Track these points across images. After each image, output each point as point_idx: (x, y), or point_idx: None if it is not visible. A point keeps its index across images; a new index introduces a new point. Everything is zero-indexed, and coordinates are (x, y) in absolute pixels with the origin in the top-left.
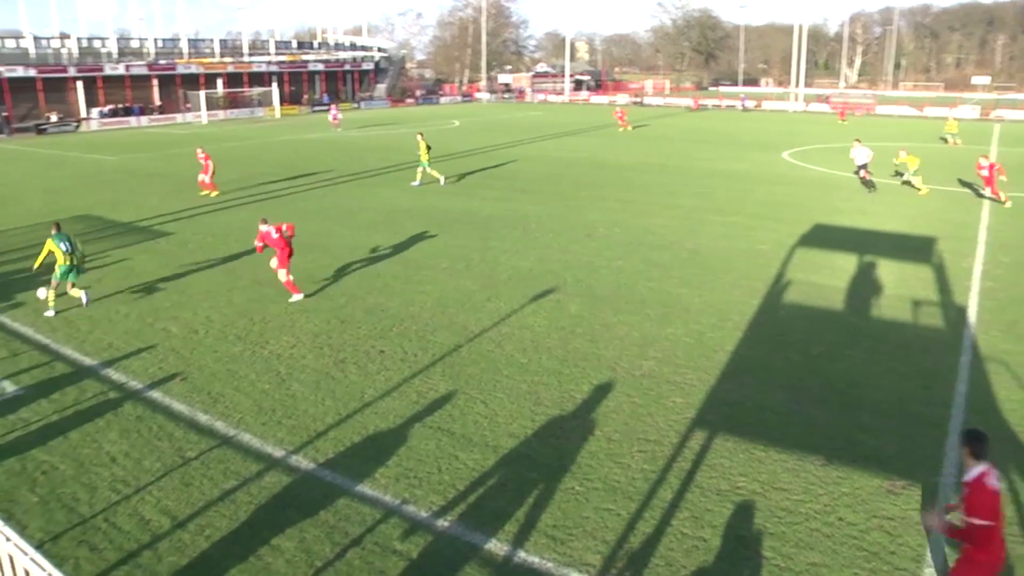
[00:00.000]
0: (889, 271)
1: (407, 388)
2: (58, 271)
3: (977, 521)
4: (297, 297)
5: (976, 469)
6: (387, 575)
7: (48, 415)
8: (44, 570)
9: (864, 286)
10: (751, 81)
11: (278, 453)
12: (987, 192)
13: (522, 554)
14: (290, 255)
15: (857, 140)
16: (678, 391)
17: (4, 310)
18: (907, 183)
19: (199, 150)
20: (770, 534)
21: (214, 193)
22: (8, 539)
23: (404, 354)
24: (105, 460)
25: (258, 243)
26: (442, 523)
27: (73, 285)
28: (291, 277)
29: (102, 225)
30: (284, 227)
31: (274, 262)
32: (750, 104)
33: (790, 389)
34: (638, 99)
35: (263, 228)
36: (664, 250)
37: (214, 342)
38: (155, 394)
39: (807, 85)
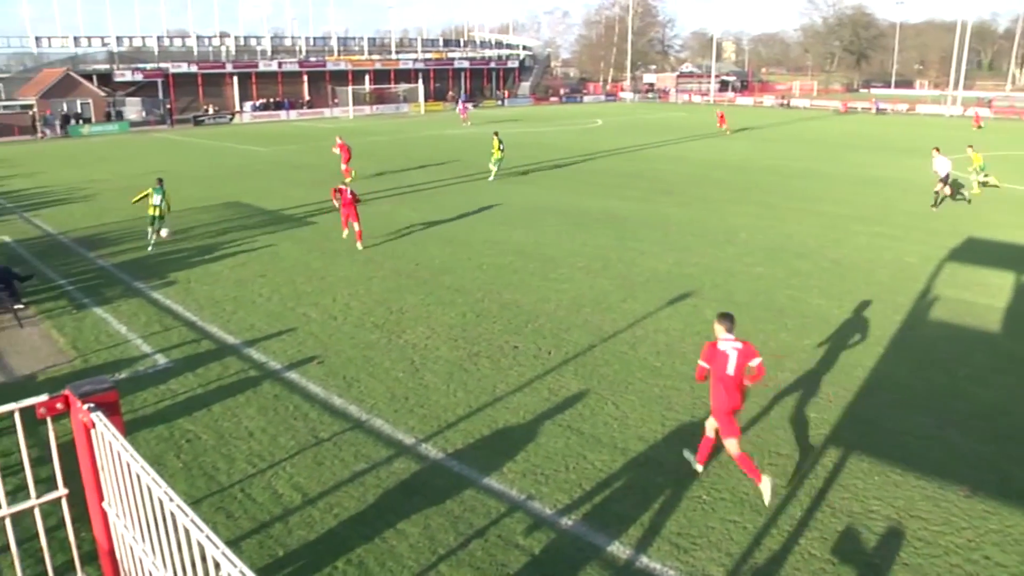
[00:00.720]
0: None
1: (539, 385)
2: (148, 216)
3: (700, 363)
4: (359, 245)
5: (719, 336)
6: (508, 568)
7: (193, 388)
8: (202, 531)
9: (1021, 306)
10: (905, 83)
11: (408, 440)
12: None
13: (644, 559)
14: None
15: (936, 149)
16: (812, 406)
17: (158, 287)
18: (984, 183)
19: (337, 138)
20: (905, 564)
21: (348, 178)
22: (172, 499)
23: (537, 351)
24: (243, 434)
25: (334, 201)
26: (566, 521)
27: (156, 232)
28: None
29: (250, 212)
30: (349, 192)
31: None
32: (900, 107)
33: (932, 412)
34: (784, 101)
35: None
36: (805, 258)
37: (352, 329)
38: (293, 375)
39: (968, 87)
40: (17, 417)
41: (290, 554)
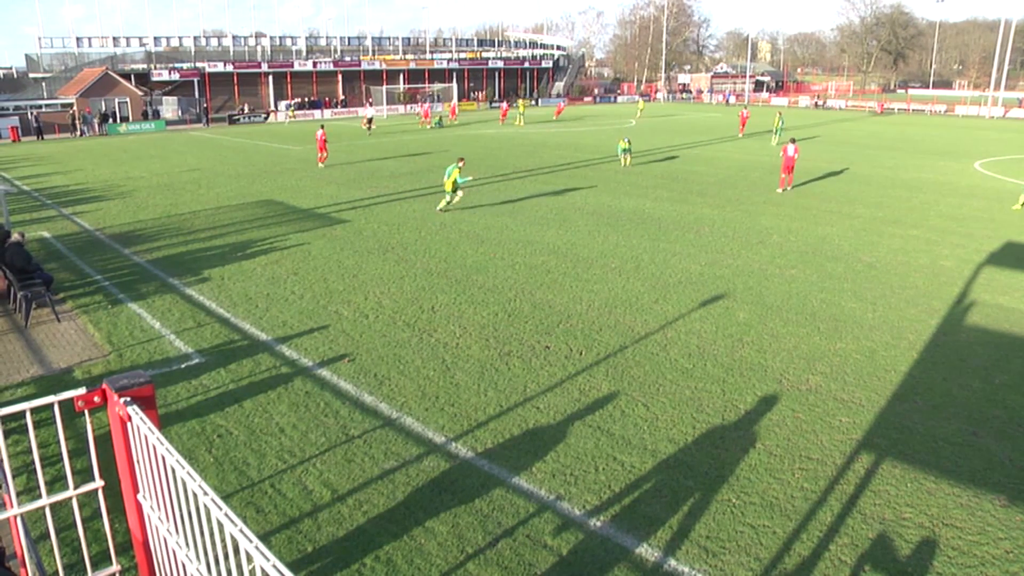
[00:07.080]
0: None
1: (569, 385)
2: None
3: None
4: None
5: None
6: (536, 568)
7: (226, 383)
8: (236, 525)
9: None
10: (943, 83)
11: (438, 439)
12: None
13: (672, 562)
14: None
15: (365, 106)
16: (845, 410)
17: (192, 284)
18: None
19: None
20: (938, 574)
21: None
22: (206, 493)
23: (568, 351)
24: (274, 430)
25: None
26: (595, 523)
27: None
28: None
29: (283, 210)
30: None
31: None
32: (938, 108)
33: (968, 419)
34: (819, 101)
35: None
36: (839, 261)
37: (383, 327)
38: (324, 372)
39: (1010, 88)
40: (56, 409)
41: (319, 550)
